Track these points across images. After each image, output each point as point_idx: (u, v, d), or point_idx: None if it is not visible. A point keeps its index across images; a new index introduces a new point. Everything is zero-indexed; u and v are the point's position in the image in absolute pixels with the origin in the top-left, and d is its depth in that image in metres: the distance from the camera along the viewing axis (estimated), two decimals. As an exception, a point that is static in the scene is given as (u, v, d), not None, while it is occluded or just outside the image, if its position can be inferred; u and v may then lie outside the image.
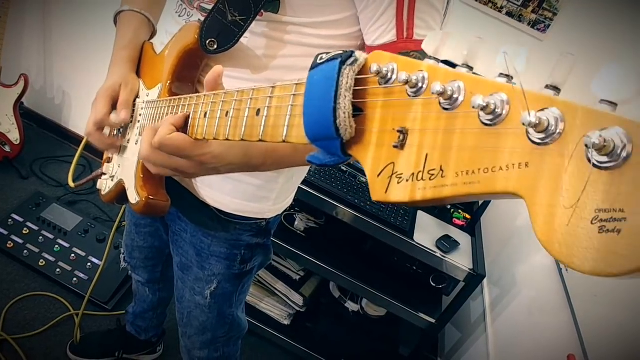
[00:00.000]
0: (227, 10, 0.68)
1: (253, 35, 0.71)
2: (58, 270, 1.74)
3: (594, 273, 0.20)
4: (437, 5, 0.64)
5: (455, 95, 0.26)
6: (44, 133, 2.44)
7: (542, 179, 0.22)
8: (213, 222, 0.90)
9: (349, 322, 1.98)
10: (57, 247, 1.81)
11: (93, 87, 0.81)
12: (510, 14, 1.70)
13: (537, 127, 0.22)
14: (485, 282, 1.70)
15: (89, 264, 1.79)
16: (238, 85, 0.47)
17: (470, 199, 0.26)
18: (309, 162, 0.36)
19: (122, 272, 1.71)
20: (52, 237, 1.83)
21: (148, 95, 0.81)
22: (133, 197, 0.76)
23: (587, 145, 0.20)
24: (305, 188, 1.49)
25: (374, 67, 0.30)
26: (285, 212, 1.00)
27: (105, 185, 0.91)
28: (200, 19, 0.72)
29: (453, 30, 0.31)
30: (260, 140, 0.41)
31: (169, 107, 0.65)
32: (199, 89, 0.78)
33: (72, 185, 0.99)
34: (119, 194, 0.84)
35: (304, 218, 1.75)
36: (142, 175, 0.75)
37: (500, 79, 0.26)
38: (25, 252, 1.76)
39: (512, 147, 0.23)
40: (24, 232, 1.81)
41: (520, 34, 1.71)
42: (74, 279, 1.73)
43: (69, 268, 1.76)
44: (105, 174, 0.92)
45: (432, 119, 0.28)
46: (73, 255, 1.80)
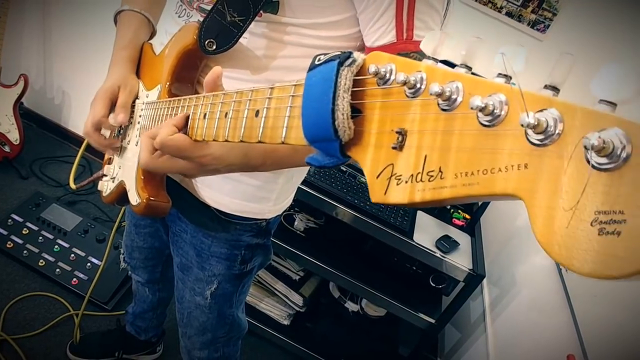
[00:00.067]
0: (226, 11, 0.67)
1: (252, 36, 0.71)
2: (58, 271, 1.74)
3: (594, 275, 0.19)
4: (436, 6, 0.64)
5: (454, 96, 0.26)
6: (44, 133, 2.44)
7: (541, 181, 0.22)
8: (213, 222, 0.89)
9: (349, 322, 1.98)
10: (56, 247, 1.81)
11: (93, 87, 0.81)
12: (510, 14, 1.70)
13: (535, 128, 0.22)
14: (485, 282, 1.70)
15: (89, 264, 1.79)
16: (238, 86, 0.47)
17: (469, 201, 0.26)
18: (308, 163, 0.35)
19: (121, 272, 1.71)
20: (51, 237, 1.83)
21: (148, 96, 0.80)
22: (134, 198, 0.76)
23: (586, 147, 0.20)
24: (305, 188, 1.49)
25: (372, 68, 0.30)
26: (285, 212, 1.00)
27: (106, 187, 0.91)
28: (200, 20, 0.72)
29: (452, 31, 0.31)
30: (260, 142, 0.41)
31: (169, 108, 0.65)
32: (199, 90, 0.78)
33: (73, 187, 0.99)
34: (120, 195, 0.84)
35: (304, 218, 1.74)
36: (142, 177, 0.75)
37: (499, 80, 0.26)
38: (25, 252, 1.75)
39: (510, 148, 0.23)
40: (24, 232, 1.81)
41: (520, 34, 1.71)
42: (74, 279, 1.73)
43: (69, 268, 1.76)
44: (106, 176, 0.92)
45: (430, 120, 0.27)
46: (73, 256, 1.80)
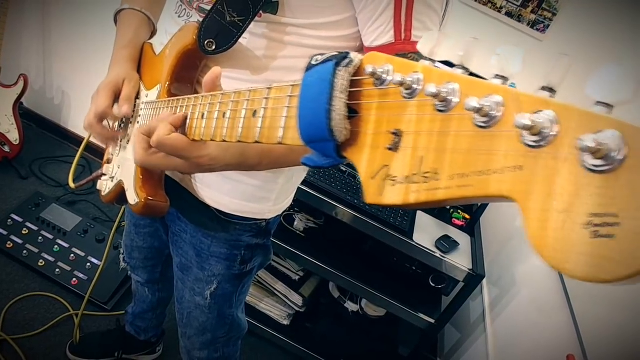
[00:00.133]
0: (225, 11, 0.67)
1: (252, 36, 0.71)
2: (57, 271, 1.74)
3: (587, 279, 0.19)
4: (435, 7, 0.64)
5: (450, 97, 0.26)
6: (44, 133, 2.44)
7: (535, 183, 0.21)
8: (213, 222, 0.89)
9: (349, 322, 1.97)
10: (56, 247, 1.81)
11: (92, 87, 0.81)
12: (510, 14, 1.70)
13: (531, 129, 0.21)
14: (485, 282, 1.70)
15: (89, 264, 1.79)
16: (237, 87, 0.47)
17: (464, 202, 0.26)
18: (304, 164, 0.35)
19: (121, 272, 1.71)
20: (51, 237, 1.83)
21: (147, 96, 0.80)
22: (132, 198, 0.76)
23: (581, 149, 0.20)
24: (305, 188, 1.49)
25: (369, 68, 0.30)
26: (285, 212, 0.99)
27: (105, 186, 0.91)
28: (200, 20, 0.72)
29: (452, 31, 0.31)
30: (257, 142, 0.41)
31: (168, 108, 0.65)
32: (198, 90, 0.78)
33: (72, 186, 0.99)
34: (119, 195, 0.84)
35: (304, 218, 1.74)
36: (141, 177, 0.75)
37: (496, 81, 0.26)
38: (25, 252, 1.75)
39: (506, 150, 0.23)
40: (24, 232, 1.81)
41: (520, 34, 1.70)
42: (74, 279, 1.73)
43: (69, 268, 1.76)
44: (105, 175, 0.92)
45: (426, 121, 0.27)
46: (72, 256, 1.80)
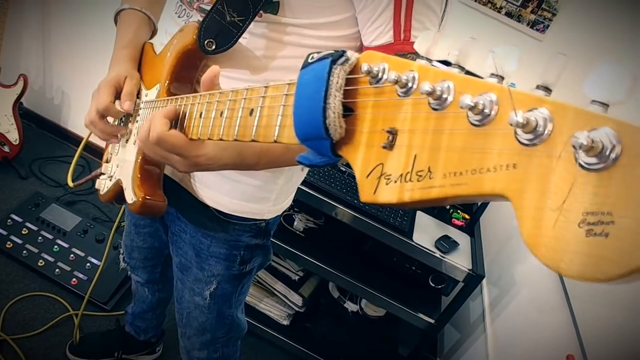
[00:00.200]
0: (225, 11, 0.67)
1: (252, 36, 0.71)
2: (57, 271, 1.74)
3: (582, 278, 0.19)
4: (434, 7, 0.64)
5: (444, 95, 0.25)
6: (43, 133, 2.44)
7: (529, 181, 0.21)
8: (212, 222, 0.89)
9: (348, 322, 1.97)
10: (56, 247, 1.81)
11: (92, 87, 0.81)
12: (510, 14, 1.69)
13: (524, 127, 0.21)
14: (484, 282, 1.69)
15: (88, 264, 1.79)
16: (237, 86, 0.47)
17: (459, 201, 0.25)
18: (299, 162, 0.35)
19: (121, 272, 1.71)
20: (51, 237, 1.83)
21: (147, 96, 0.80)
22: (130, 197, 0.76)
23: (574, 146, 0.20)
24: (305, 188, 1.49)
25: (365, 66, 0.30)
26: (285, 212, 0.99)
27: (104, 185, 0.91)
28: (200, 20, 0.72)
29: (451, 31, 0.31)
30: (253, 140, 0.41)
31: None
32: (198, 90, 0.78)
33: (71, 185, 0.99)
34: (117, 194, 0.84)
35: (303, 218, 1.74)
36: (139, 176, 0.75)
37: (492, 79, 0.25)
38: (25, 252, 1.75)
39: (500, 148, 0.23)
40: (23, 232, 1.81)
41: (520, 35, 1.70)
42: (73, 279, 1.73)
43: (68, 268, 1.76)
44: (104, 174, 0.92)
45: (421, 119, 0.27)
46: (72, 256, 1.80)
